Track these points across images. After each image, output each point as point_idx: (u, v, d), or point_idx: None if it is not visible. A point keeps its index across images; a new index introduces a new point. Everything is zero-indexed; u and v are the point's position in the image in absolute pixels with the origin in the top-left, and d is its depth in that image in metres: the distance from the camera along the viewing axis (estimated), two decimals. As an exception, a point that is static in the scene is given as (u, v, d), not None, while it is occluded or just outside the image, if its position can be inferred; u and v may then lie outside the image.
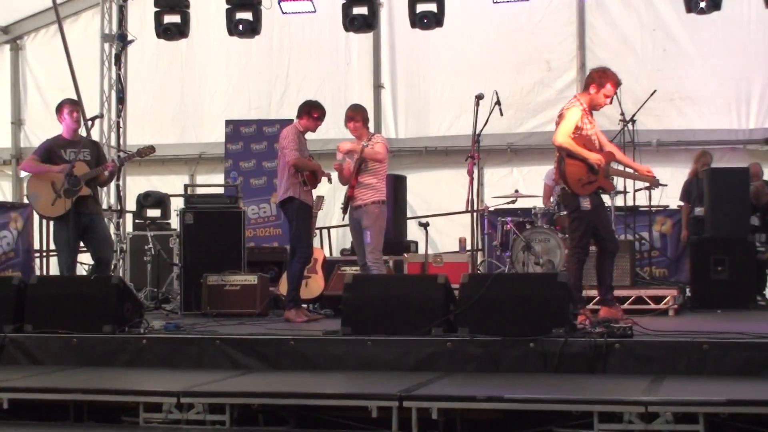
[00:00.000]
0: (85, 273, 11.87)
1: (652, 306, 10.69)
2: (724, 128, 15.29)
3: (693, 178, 13.03)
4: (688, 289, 11.84)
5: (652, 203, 12.86)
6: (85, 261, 11.99)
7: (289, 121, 10.47)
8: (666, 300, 10.76)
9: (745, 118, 15.21)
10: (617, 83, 9.14)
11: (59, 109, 10.27)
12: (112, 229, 13.72)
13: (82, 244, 10.32)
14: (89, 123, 10.70)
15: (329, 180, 10.65)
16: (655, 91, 12.97)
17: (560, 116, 9.15)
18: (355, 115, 10.35)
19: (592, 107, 9.15)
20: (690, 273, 11.97)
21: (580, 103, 9.05)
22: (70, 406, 7.15)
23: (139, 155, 10.49)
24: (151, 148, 10.57)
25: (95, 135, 12.69)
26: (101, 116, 10.02)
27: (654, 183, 10.28)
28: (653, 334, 7.81)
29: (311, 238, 10.57)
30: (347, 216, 10.39)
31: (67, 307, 8.76)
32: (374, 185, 10.19)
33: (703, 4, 12.84)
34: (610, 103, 9.35)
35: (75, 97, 12.36)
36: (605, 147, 9.31)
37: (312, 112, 10.40)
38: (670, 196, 13.06)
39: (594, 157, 8.94)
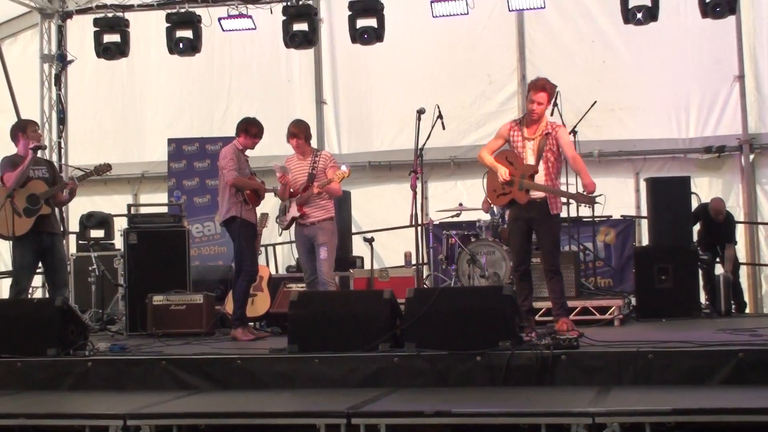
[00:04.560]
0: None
1: (598, 316, 10.75)
2: (664, 138, 15.40)
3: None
4: (633, 299, 11.92)
5: (596, 213, 12.92)
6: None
7: (232, 139, 10.44)
8: (611, 310, 10.83)
9: (685, 128, 15.31)
10: (532, 87, 9.11)
11: (23, 128, 10.06)
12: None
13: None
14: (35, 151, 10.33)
15: (275, 193, 10.61)
16: (595, 102, 13.06)
17: None
18: (298, 132, 10.29)
19: (530, 117, 9.14)
20: (635, 282, 12.05)
21: (517, 118, 9.14)
22: (15, 431, 7.07)
23: (97, 173, 10.40)
24: (107, 166, 10.43)
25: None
26: (44, 147, 9.85)
27: (581, 200, 9.44)
28: (599, 345, 7.87)
29: (255, 255, 10.52)
30: (293, 233, 10.37)
31: (10, 330, 8.63)
32: (324, 204, 10.21)
33: (640, 15, 13.01)
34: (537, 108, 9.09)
35: (15, 119, 12.22)
36: (568, 156, 9.24)
37: (249, 128, 10.32)
38: (613, 205, 13.13)
39: (501, 171, 9.05)
